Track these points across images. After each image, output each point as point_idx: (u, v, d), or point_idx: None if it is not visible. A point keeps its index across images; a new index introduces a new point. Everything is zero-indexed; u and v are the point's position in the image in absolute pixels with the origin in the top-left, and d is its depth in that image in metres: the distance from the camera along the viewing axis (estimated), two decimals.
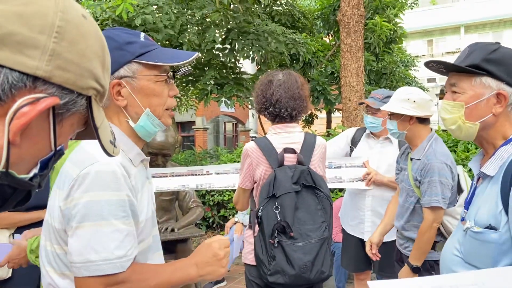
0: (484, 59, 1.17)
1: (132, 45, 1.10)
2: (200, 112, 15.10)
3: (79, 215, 0.95)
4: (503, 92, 1.16)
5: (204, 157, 7.36)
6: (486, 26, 22.82)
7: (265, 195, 1.89)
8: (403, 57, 12.96)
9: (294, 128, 2.04)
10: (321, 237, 1.89)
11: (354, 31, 5.88)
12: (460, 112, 1.21)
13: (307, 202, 1.91)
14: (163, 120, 1.16)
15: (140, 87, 1.10)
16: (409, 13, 11.20)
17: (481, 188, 1.23)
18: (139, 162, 1.15)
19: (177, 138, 3.72)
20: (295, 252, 1.83)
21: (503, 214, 1.10)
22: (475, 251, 1.17)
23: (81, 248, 0.95)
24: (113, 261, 0.96)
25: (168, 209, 3.65)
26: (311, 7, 10.75)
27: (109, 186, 0.98)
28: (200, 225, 6.38)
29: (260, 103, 2.04)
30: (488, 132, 1.21)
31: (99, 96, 0.56)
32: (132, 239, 1.01)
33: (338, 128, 5.82)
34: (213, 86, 6.60)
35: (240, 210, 2.21)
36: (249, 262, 2.07)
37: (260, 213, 1.88)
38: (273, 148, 1.96)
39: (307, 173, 1.92)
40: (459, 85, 1.22)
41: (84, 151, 1.04)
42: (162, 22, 5.39)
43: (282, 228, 1.83)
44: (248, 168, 2.01)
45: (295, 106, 1.98)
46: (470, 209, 1.25)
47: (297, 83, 2.01)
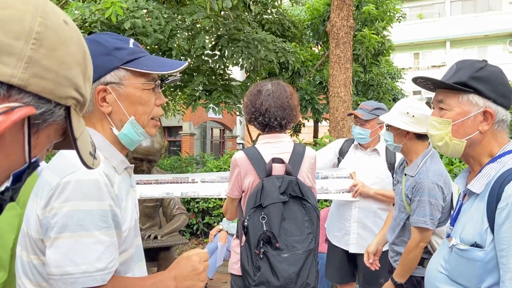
0: (471, 76, 1.18)
1: (120, 51, 1.07)
2: (187, 117, 15.02)
3: (59, 225, 0.92)
4: (489, 110, 1.17)
5: (190, 163, 7.30)
6: (471, 41, 23.30)
7: (251, 205, 1.87)
8: (390, 69, 13.13)
9: (283, 138, 2.04)
10: (307, 249, 1.87)
11: (343, 42, 5.93)
12: (447, 128, 1.22)
13: (294, 213, 1.89)
14: (147, 129, 1.13)
15: (126, 94, 1.08)
16: (396, 26, 11.37)
17: (467, 205, 1.23)
18: (122, 169, 1.12)
19: (163, 144, 3.68)
20: (280, 263, 1.81)
21: (489, 232, 1.10)
22: (461, 269, 1.17)
23: (59, 260, 0.91)
24: (93, 274, 0.92)
25: (151, 216, 3.60)
26: (301, 17, 10.84)
27: (91, 196, 0.94)
28: (184, 232, 6.30)
29: (249, 113, 2.03)
30: (474, 149, 1.22)
31: (79, 106, 0.53)
32: (113, 250, 0.98)
33: (325, 138, 5.84)
34: (201, 92, 6.57)
35: (229, 219, 2.20)
36: (235, 272, 2.05)
37: (246, 223, 1.86)
38: (261, 158, 1.96)
39: (295, 184, 1.90)
40: (447, 102, 1.23)
41: (64, 158, 1.00)
42: (152, 27, 5.35)
43: (268, 238, 1.81)
44: (236, 178, 2.00)
45: (284, 116, 1.98)
46: (456, 226, 1.24)
47: (286, 92, 2.01)
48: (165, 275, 1.08)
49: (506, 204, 1.06)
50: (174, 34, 5.94)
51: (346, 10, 5.91)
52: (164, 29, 5.54)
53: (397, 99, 13.89)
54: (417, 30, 23.59)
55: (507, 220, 1.04)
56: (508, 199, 1.05)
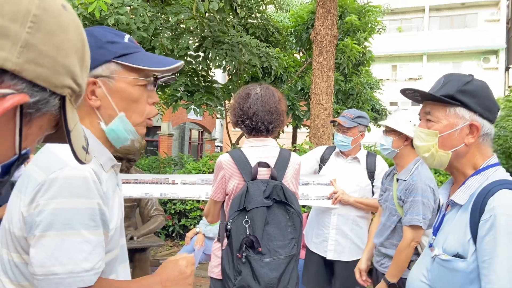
0: (458, 90, 1.21)
1: (114, 45, 1.04)
2: (166, 118, 14.85)
3: (44, 223, 0.88)
4: (475, 123, 1.20)
5: (169, 164, 7.21)
6: (447, 56, 24.00)
7: (235, 208, 1.86)
8: (369, 79, 13.36)
9: (269, 142, 2.03)
10: (289, 254, 1.87)
11: (327, 50, 6.00)
12: (434, 140, 1.24)
13: (277, 218, 1.89)
14: (137, 129, 1.10)
15: (117, 89, 1.04)
16: (376, 38, 11.59)
17: (450, 215, 1.25)
18: (109, 167, 1.09)
19: (143, 143, 3.62)
20: (262, 268, 1.80)
21: (472, 243, 1.12)
22: (442, 279, 1.19)
23: (44, 259, 0.87)
24: (80, 275, 0.89)
25: (128, 216, 3.53)
26: (285, 23, 10.92)
27: (79, 193, 0.91)
28: (159, 233, 6.21)
29: (237, 115, 2.02)
30: (459, 161, 1.24)
31: (75, 96, 0.50)
32: (101, 251, 0.95)
33: (305, 144, 5.88)
34: (183, 92, 6.51)
35: (210, 222, 2.17)
36: (215, 276, 2.03)
37: (229, 226, 1.84)
38: (247, 161, 1.94)
39: (279, 189, 1.90)
40: (434, 114, 1.25)
41: (51, 153, 0.96)
42: (136, 24, 5.28)
43: (251, 242, 1.80)
44: (221, 180, 1.97)
45: (271, 120, 1.98)
46: (438, 236, 1.27)
47: (274, 97, 2.01)
48: (152, 279, 1.05)
49: (489, 216, 1.08)
50: (158, 33, 5.88)
51: (330, 19, 5.99)
52: (148, 27, 5.47)
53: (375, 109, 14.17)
54: (396, 42, 24.14)
55: (490, 232, 1.07)
56: (491, 212, 1.08)
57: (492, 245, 1.06)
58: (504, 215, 1.06)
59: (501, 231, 1.05)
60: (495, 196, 1.10)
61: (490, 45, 22.65)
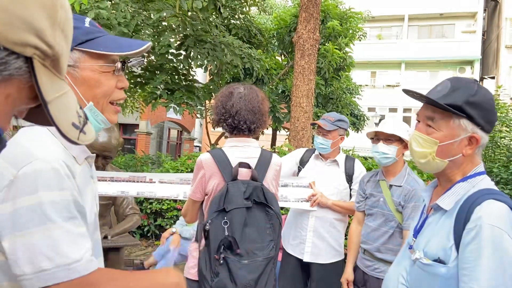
0: (467, 101, 1.17)
1: (74, 31, 1.00)
2: (145, 116, 14.64)
3: (22, 221, 0.84)
4: (476, 136, 1.18)
5: (146, 163, 7.10)
6: (424, 65, 24.57)
7: (214, 209, 1.82)
8: (349, 84, 13.54)
9: (251, 143, 2.01)
10: (267, 256, 1.85)
11: (308, 54, 6.04)
12: (432, 148, 1.22)
13: (256, 219, 1.86)
14: (106, 115, 1.05)
15: (83, 78, 0.99)
16: (357, 44, 11.75)
17: (433, 219, 1.25)
18: (83, 159, 1.05)
19: (120, 141, 3.55)
20: (239, 270, 1.77)
21: (453, 250, 1.12)
22: (421, 283, 1.19)
23: (31, 257, 0.84)
24: (71, 266, 0.86)
25: (102, 215, 3.45)
26: (268, 26, 10.95)
27: (50, 186, 0.88)
28: (134, 233, 6.10)
29: (219, 114, 1.99)
30: (452, 169, 1.23)
31: (49, 60, 0.44)
32: (85, 240, 0.91)
33: (284, 146, 5.90)
34: (163, 90, 6.42)
35: (188, 222, 2.13)
36: (191, 277, 2.00)
37: (207, 227, 1.81)
38: (228, 161, 1.92)
39: (259, 190, 1.88)
40: (437, 121, 1.22)
41: (18, 145, 0.92)
42: (117, 19, 5.18)
43: (229, 244, 1.78)
44: (200, 180, 1.94)
45: (254, 120, 1.96)
46: (419, 239, 1.26)
47: (258, 97, 1.99)
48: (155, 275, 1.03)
49: (474, 225, 1.08)
50: (139, 29, 5.79)
51: (313, 23, 6.03)
52: (129, 23, 5.38)
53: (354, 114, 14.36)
54: (375, 49, 24.54)
55: (473, 241, 1.07)
56: (477, 221, 1.08)
57: (475, 255, 1.06)
58: (490, 225, 1.06)
59: (486, 242, 1.05)
60: (482, 206, 1.10)
61: (466, 55, 23.30)
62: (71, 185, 0.92)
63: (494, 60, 22.72)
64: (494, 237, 1.05)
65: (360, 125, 15.05)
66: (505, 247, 1.04)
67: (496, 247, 1.04)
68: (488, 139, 1.25)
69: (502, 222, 1.06)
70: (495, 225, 1.06)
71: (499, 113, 7.19)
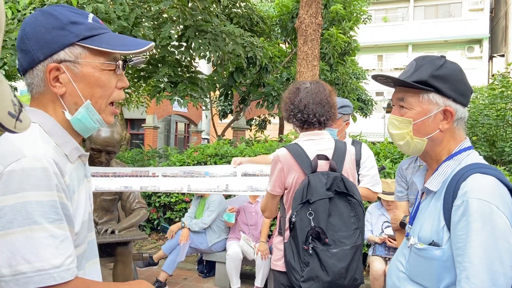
0: (431, 75, 1.17)
1: (77, 26, 0.96)
2: (151, 110, 14.65)
3: (5, 220, 0.82)
4: (449, 109, 1.17)
5: (153, 157, 7.11)
6: (432, 46, 24.18)
7: (298, 201, 1.86)
8: (355, 69, 13.38)
9: (324, 135, 2.06)
10: (354, 244, 1.88)
11: (311, 39, 5.94)
12: (408, 128, 1.21)
13: (339, 209, 1.90)
14: (103, 116, 1.03)
15: (83, 74, 0.97)
16: (362, 27, 11.57)
17: (425, 203, 1.23)
18: (76, 157, 1.02)
19: (124, 135, 3.52)
20: (329, 259, 1.81)
21: (446, 230, 1.09)
22: (419, 268, 1.16)
23: (9, 259, 0.81)
24: (49, 272, 0.83)
25: (109, 210, 3.44)
26: (270, 13, 10.81)
27: (39, 185, 0.85)
28: (144, 227, 6.13)
29: (288, 110, 2.06)
30: (434, 148, 1.22)
31: None
32: (69, 245, 0.89)
33: (291, 134, 5.84)
34: (166, 83, 6.38)
35: (267, 217, 2.19)
36: (279, 268, 2.05)
37: (294, 219, 1.85)
38: (305, 155, 1.96)
39: (339, 180, 1.92)
40: (407, 100, 1.22)
41: (7, 142, 0.89)
42: (116, 13, 5.12)
43: (317, 234, 1.81)
44: (279, 174, 1.99)
45: (323, 112, 2.01)
46: (414, 225, 1.24)
47: (325, 90, 2.04)
48: None
49: (461, 202, 1.05)
50: (139, 22, 5.74)
51: (314, 7, 5.92)
52: (129, 17, 5.33)
53: (361, 99, 14.22)
54: (381, 32, 24.22)
55: (462, 218, 1.04)
56: (463, 197, 1.05)
57: (466, 231, 1.03)
58: (476, 199, 1.03)
59: (474, 217, 1.02)
60: (467, 181, 1.07)
61: (474, 34, 22.89)
62: (60, 185, 0.89)
63: (503, 38, 22.24)
64: (482, 211, 1.02)
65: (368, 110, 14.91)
66: (494, 219, 1.01)
67: (485, 221, 1.01)
68: (468, 112, 1.23)
69: (489, 195, 1.03)
70: (481, 198, 1.03)
71: (509, 91, 7.03)
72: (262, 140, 6.79)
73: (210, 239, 4.41)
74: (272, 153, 4.59)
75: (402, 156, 5.09)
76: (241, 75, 8.43)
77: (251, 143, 6.58)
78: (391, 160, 4.99)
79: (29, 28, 0.96)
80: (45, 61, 0.96)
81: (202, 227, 4.38)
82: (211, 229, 4.45)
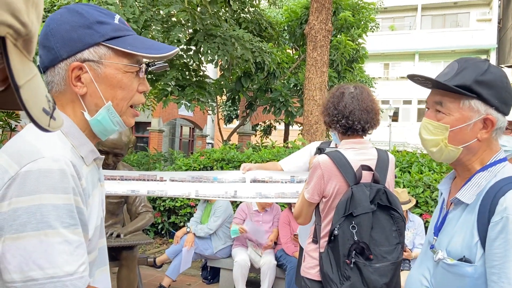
0: (475, 80, 1.09)
1: (103, 26, 0.94)
2: (157, 113, 14.66)
3: (18, 223, 0.78)
4: (491, 118, 1.09)
5: (158, 160, 7.07)
6: (439, 56, 24.09)
7: (341, 213, 1.80)
8: (362, 76, 13.32)
9: (367, 144, 2.00)
10: (396, 260, 1.83)
11: (321, 45, 5.91)
12: (443, 134, 1.13)
13: (381, 223, 1.84)
14: (124, 118, 1.00)
15: (106, 75, 0.94)
16: (369, 35, 11.54)
17: (454, 214, 1.15)
18: (91, 160, 0.98)
19: (131, 138, 3.49)
20: (371, 274, 1.76)
21: (479, 246, 1.03)
22: (448, 285, 1.09)
23: (21, 264, 0.77)
24: (62, 279, 0.79)
25: (115, 213, 3.41)
26: (278, 19, 10.81)
27: (55, 188, 0.81)
28: (148, 231, 6.08)
29: (331, 115, 1.99)
30: (468, 157, 1.14)
31: (22, 40, 0.40)
32: (83, 252, 0.85)
33: (298, 140, 5.79)
34: (173, 87, 6.37)
35: (301, 224, 2.11)
36: (312, 277, 1.98)
37: (336, 232, 1.79)
38: (348, 164, 1.89)
39: (382, 192, 1.86)
40: (446, 105, 1.13)
41: (24, 141, 0.86)
42: (125, 15, 5.13)
43: (361, 249, 1.76)
44: (319, 182, 1.91)
45: (368, 119, 1.95)
46: (441, 237, 1.17)
47: (369, 96, 1.99)
48: None
49: (500, 218, 0.99)
50: (149, 25, 5.74)
51: (325, 14, 5.89)
52: (138, 19, 5.33)
53: None
54: (388, 41, 24.18)
55: (500, 235, 0.98)
56: (502, 213, 0.99)
57: (503, 249, 0.97)
58: None
59: None
60: (506, 196, 1.00)
61: (482, 44, 22.80)
62: (76, 188, 0.86)
63: (510, 48, 22.14)
64: None
65: None
66: None
67: None
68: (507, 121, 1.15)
69: None
70: None
71: None
72: (269, 145, 6.75)
73: (215, 245, 4.35)
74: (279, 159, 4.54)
75: (411, 165, 5.01)
76: (249, 80, 8.41)
77: (258, 149, 6.54)
78: (400, 169, 4.92)
79: (54, 25, 0.93)
80: (68, 59, 0.93)
81: (207, 233, 4.33)
82: (217, 235, 4.40)
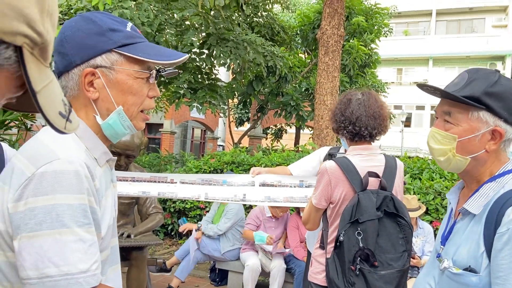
0: (485, 92, 1.09)
1: (115, 33, 0.98)
2: (169, 115, 14.79)
3: (35, 221, 0.81)
4: (499, 129, 1.10)
5: (170, 161, 7.15)
6: (453, 61, 23.84)
7: (347, 220, 1.81)
8: (374, 81, 13.26)
9: (374, 150, 2.00)
10: (402, 268, 1.82)
11: (333, 50, 5.92)
12: (451, 144, 1.14)
13: (388, 230, 1.84)
14: (135, 123, 1.03)
15: (117, 81, 0.98)
16: (382, 40, 11.49)
17: (462, 224, 1.16)
18: (104, 162, 1.02)
19: (143, 140, 3.55)
20: (376, 281, 1.76)
21: (485, 257, 1.04)
22: None
23: (37, 261, 0.81)
24: (75, 276, 0.82)
25: (126, 213, 3.46)
26: (291, 23, 10.84)
27: (70, 189, 0.85)
28: (158, 232, 6.14)
29: (338, 121, 2.00)
30: (477, 167, 1.15)
31: (38, 49, 0.42)
32: (95, 250, 0.88)
33: (308, 145, 5.80)
34: (186, 90, 6.44)
35: (309, 229, 2.13)
36: (318, 282, 1.99)
37: (342, 238, 1.80)
38: (355, 170, 1.90)
39: (389, 199, 1.86)
40: (454, 115, 1.14)
41: (40, 143, 0.90)
42: (140, 19, 5.21)
43: (366, 256, 1.76)
44: (326, 187, 1.92)
45: (375, 125, 1.95)
46: (448, 246, 1.18)
47: (377, 102, 1.98)
48: None
49: (506, 229, 0.99)
50: (162, 28, 5.82)
51: (337, 19, 5.90)
52: (153, 23, 5.41)
53: None
54: (402, 46, 24.00)
55: (506, 246, 0.98)
56: (509, 224, 0.99)
57: (508, 261, 0.97)
58: None
59: None
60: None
61: (497, 50, 22.50)
62: (90, 188, 0.89)
63: None
64: None
65: None
66: None
67: None
68: None
69: None
70: None
71: None
72: (280, 149, 6.76)
73: (223, 246, 4.38)
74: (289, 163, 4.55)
75: (422, 171, 4.99)
76: (260, 83, 8.45)
77: (268, 152, 6.56)
78: (410, 175, 4.90)
79: (69, 32, 0.98)
80: (82, 65, 0.97)
81: (216, 233, 4.36)
82: (226, 236, 4.43)
